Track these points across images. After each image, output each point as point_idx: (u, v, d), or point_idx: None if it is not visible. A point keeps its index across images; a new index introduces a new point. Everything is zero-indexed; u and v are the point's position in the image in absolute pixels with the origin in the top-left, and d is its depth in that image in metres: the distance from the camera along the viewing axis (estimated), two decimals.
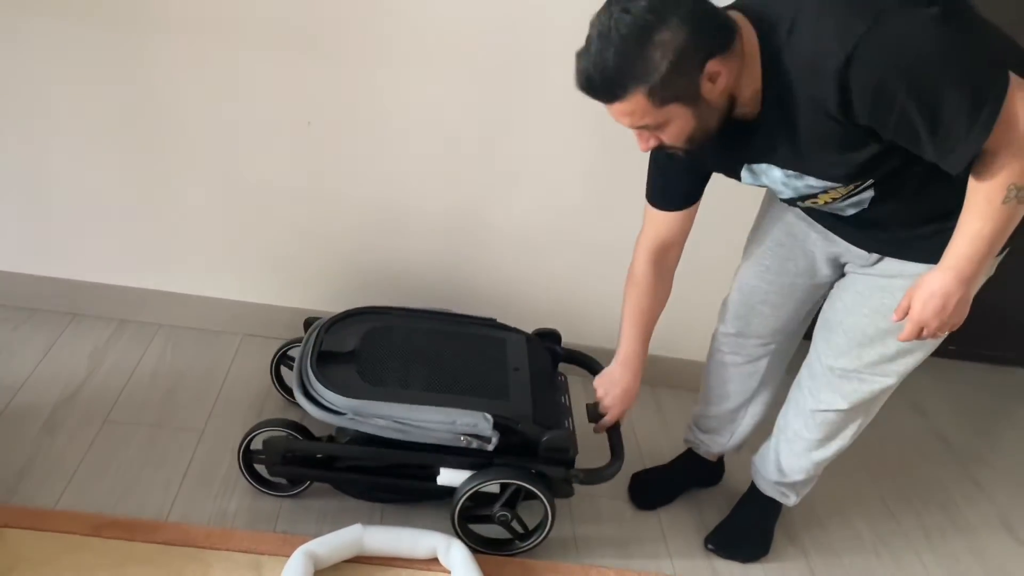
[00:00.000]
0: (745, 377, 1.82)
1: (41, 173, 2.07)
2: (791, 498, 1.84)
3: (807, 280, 1.64)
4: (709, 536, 1.89)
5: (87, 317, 2.22)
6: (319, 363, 1.74)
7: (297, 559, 1.58)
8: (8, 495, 1.66)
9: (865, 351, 1.55)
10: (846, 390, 1.60)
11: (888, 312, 1.44)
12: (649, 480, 2.02)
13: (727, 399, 1.87)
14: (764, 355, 1.78)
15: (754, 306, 1.72)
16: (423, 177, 2.11)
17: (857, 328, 1.54)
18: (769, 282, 1.68)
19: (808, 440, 1.70)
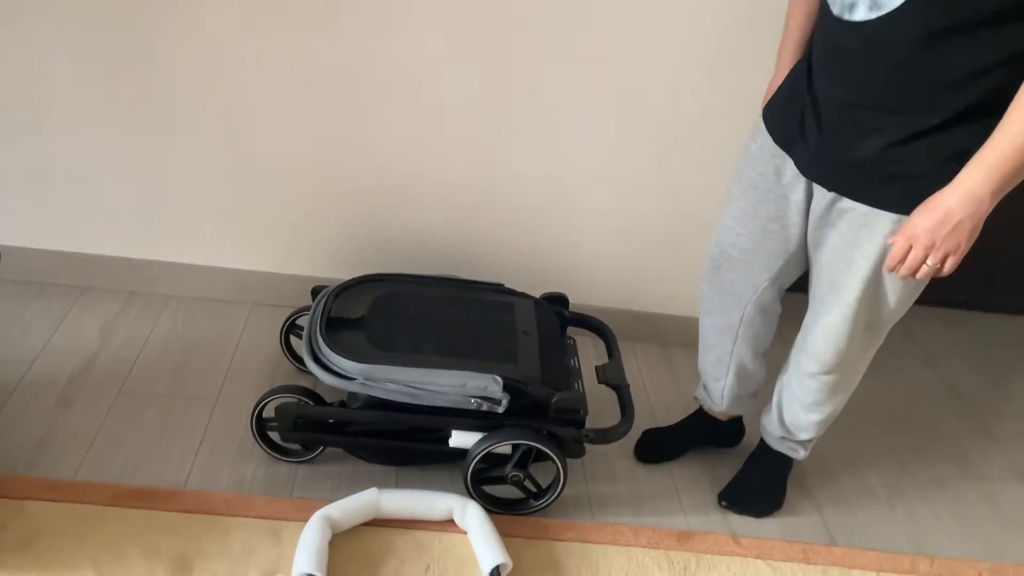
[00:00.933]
0: (721, 332, 1.80)
1: (42, 147, 2.06)
2: (799, 452, 1.85)
3: (778, 228, 1.58)
4: (722, 492, 1.90)
5: (97, 290, 2.22)
6: (328, 329, 1.74)
7: (314, 524, 1.60)
8: (27, 467, 1.68)
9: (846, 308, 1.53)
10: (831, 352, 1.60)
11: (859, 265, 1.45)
12: (656, 436, 2.04)
13: (709, 351, 1.87)
14: (736, 310, 1.73)
15: (725, 249, 1.68)
16: (428, 142, 2.09)
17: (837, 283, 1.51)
18: (742, 224, 1.63)
19: (803, 401, 1.72)
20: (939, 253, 1.30)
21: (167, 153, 2.09)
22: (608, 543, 1.73)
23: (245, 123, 2.05)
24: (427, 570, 1.61)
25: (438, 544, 1.67)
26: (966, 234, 1.27)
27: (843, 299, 1.51)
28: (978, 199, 1.25)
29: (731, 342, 1.80)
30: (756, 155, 1.59)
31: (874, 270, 1.45)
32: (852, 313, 1.52)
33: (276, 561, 1.57)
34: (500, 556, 1.60)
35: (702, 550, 1.75)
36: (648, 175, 2.16)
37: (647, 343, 2.40)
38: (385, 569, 1.60)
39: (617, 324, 2.20)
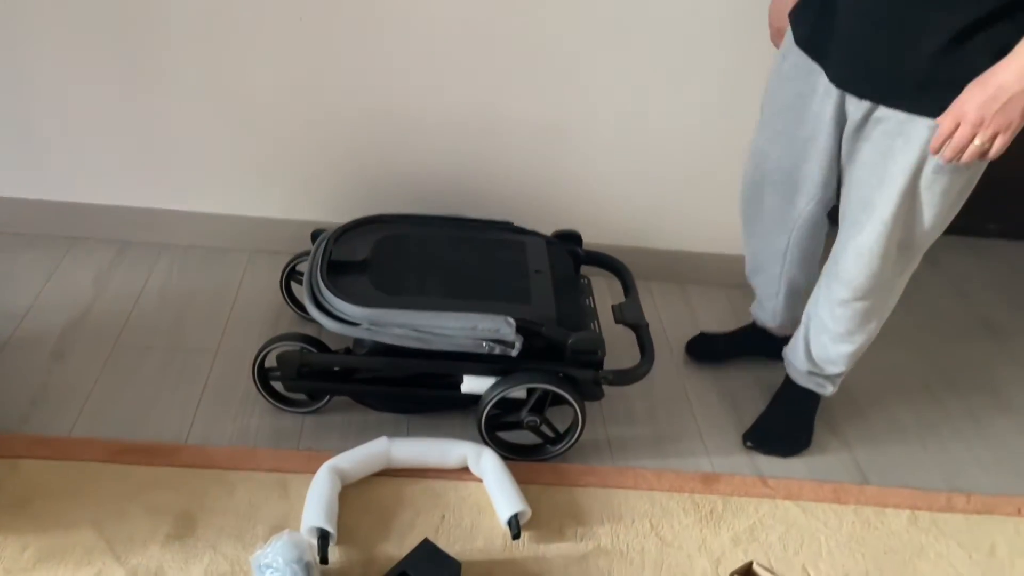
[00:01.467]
0: (767, 257, 1.77)
1: (23, 91, 1.95)
2: (827, 388, 1.77)
3: (817, 148, 1.52)
4: (747, 433, 1.82)
5: (88, 240, 2.13)
6: (330, 274, 1.65)
7: (323, 476, 1.52)
8: (21, 424, 1.61)
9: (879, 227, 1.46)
10: (864, 276, 1.52)
11: (894, 178, 1.38)
12: (710, 338, 2.05)
13: (757, 274, 1.85)
14: (782, 235, 1.69)
15: (765, 173, 1.64)
16: (428, 73, 1.97)
17: (869, 200, 1.45)
18: (780, 145, 1.58)
19: (833, 332, 1.64)
20: (988, 131, 1.22)
21: (156, 96, 1.97)
22: (630, 487, 1.66)
23: (235, 62, 1.93)
24: (442, 520, 1.54)
25: (453, 493, 1.60)
26: (1019, 111, 1.20)
27: (877, 216, 1.44)
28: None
29: (779, 265, 1.75)
30: (790, 74, 1.52)
31: (910, 183, 1.38)
32: (886, 231, 1.44)
33: (284, 515, 1.50)
34: (518, 504, 1.52)
35: (728, 492, 1.68)
36: (661, 105, 2.04)
37: (663, 281, 2.30)
38: (399, 520, 1.53)
39: (632, 262, 2.10)
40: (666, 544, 1.56)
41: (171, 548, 1.42)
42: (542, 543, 1.52)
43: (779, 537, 1.60)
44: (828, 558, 1.57)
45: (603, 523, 1.58)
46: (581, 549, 1.52)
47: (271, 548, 1.34)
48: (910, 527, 1.66)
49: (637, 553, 1.53)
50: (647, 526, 1.58)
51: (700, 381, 1.98)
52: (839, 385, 1.78)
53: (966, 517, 1.70)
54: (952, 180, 1.37)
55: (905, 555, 1.60)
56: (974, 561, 1.61)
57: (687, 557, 1.54)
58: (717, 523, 1.61)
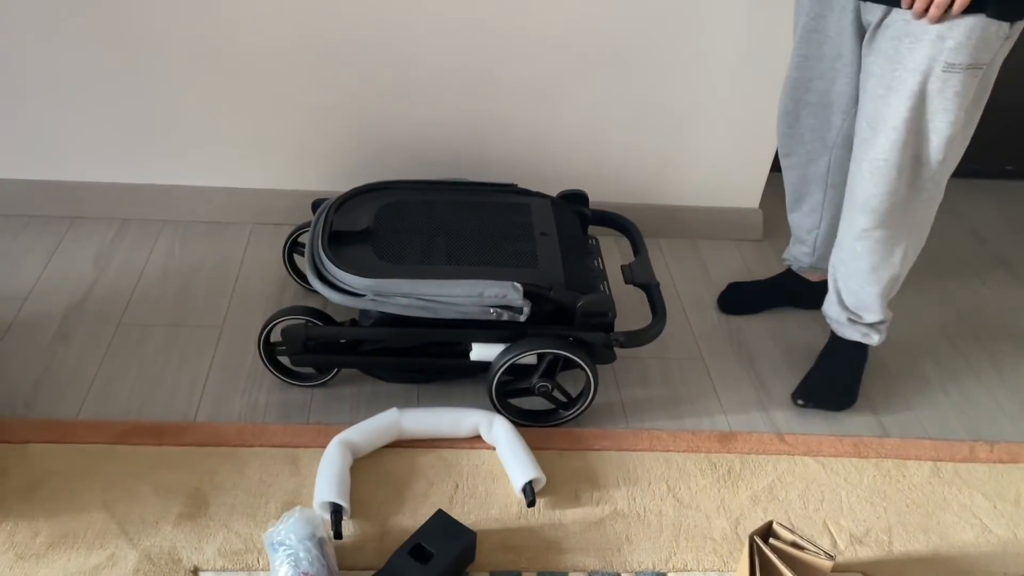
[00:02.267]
0: (810, 182, 1.78)
1: (14, 70, 1.90)
2: (872, 337, 1.73)
3: (843, 65, 1.56)
4: (796, 390, 1.77)
5: (87, 219, 2.10)
6: (331, 244, 1.61)
7: (333, 450, 1.50)
8: (27, 409, 1.59)
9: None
10: (881, 193, 1.51)
11: (903, 82, 1.39)
12: (741, 289, 2.04)
13: (800, 203, 1.84)
14: (823, 156, 1.72)
15: (800, 97, 1.67)
16: (424, 37, 1.91)
17: (878, 114, 1.46)
18: (810, 69, 1.62)
19: (857, 270, 1.63)
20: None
21: (150, 71, 1.93)
22: (645, 449, 1.63)
23: (228, 32, 1.88)
24: (456, 489, 1.52)
25: (466, 461, 1.57)
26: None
27: (888, 125, 1.44)
28: None
29: (821, 191, 1.78)
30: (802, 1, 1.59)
31: (920, 86, 1.39)
32: (900, 140, 1.44)
33: (296, 490, 1.49)
34: (532, 471, 1.50)
35: (746, 451, 1.65)
36: (665, 57, 1.98)
37: (673, 238, 2.26)
38: (412, 491, 1.51)
39: (641, 219, 2.06)
40: (684, 505, 1.53)
41: (183, 527, 1.40)
42: (558, 509, 1.50)
43: (799, 494, 1.57)
44: (849, 513, 1.54)
45: (619, 486, 1.55)
46: (598, 513, 1.50)
47: (283, 525, 1.32)
48: (932, 479, 1.63)
49: (655, 516, 1.51)
50: (664, 488, 1.56)
51: (714, 339, 1.94)
52: (885, 333, 1.74)
53: (990, 467, 1.67)
54: (964, 82, 1.37)
55: (928, 507, 1.57)
56: (999, 511, 1.58)
57: (705, 518, 1.51)
58: (735, 482, 1.58)
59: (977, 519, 1.56)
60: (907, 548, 1.49)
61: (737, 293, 2.04)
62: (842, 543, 1.49)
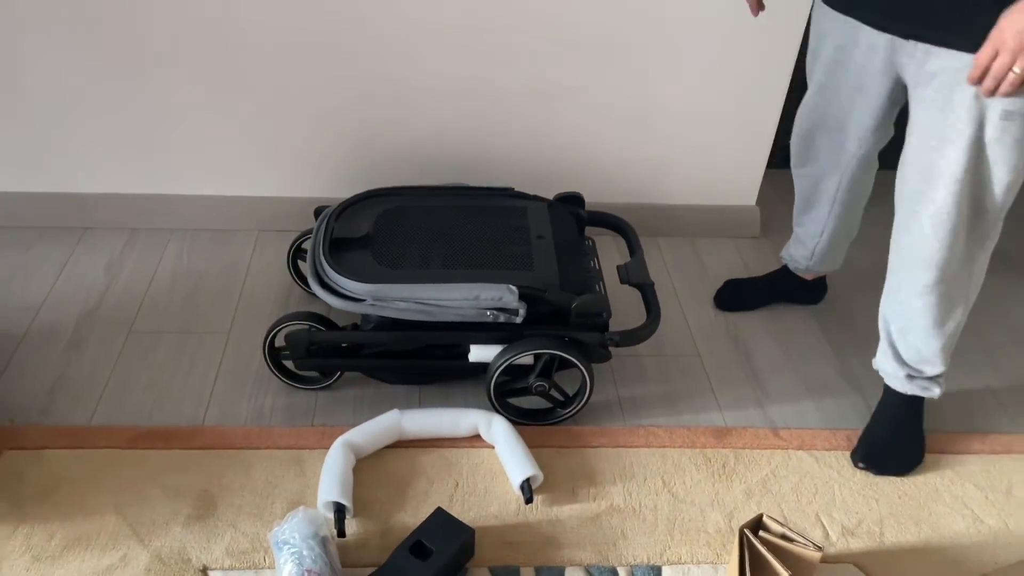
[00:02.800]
0: (818, 196, 1.78)
1: (21, 87, 1.96)
2: (934, 389, 1.63)
3: (865, 97, 1.54)
4: (855, 451, 1.67)
5: (98, 229, 2.16)
6: (332, 251, 1.66)
7: (336, 451, 1.55)
8: (42, 416, 1.65)
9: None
10: (942, 249, 1.43)
11: (958, 136, 1.31)
12: (737, 286, 2.06)
13: (806, 211, 1.84)
14: (834, 175, 1.72)
15: (815, 121, 1.67)
16: (422, 42, 1.95)
17: (932, 166, 1.37)
18: (827, 99, 1.61)
19: (919, 326, 1.54)
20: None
21: (155, 84, 1.98)
22: (642, 446, 1.67)
23: (230, 43, 1.93)
24: (456, 488, 1.57)
25: (466, 460, 1.62)
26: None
27: (946, 177, 1.36)
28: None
29: (828, 205, 1.78)
30: (825, 31, 1.55)
31: (975, 135, 1.31)
32: (959, 191, 1.36)
33: (301, 491, 1.54)
34: (529, 468, 1.54)
35: (741, 445, 1.68)
36: (662, 60, 2.01)
37: (672, 236, 2.29)
38: (414, 490, 1.55)
39: (639, 219, 2.10)
40: (678, 500, 1.57)
41: (192, 528, 1.45)
42: (555, 505, 1.54)
43: (792, 487, 1.60)
44: (842, 505, 1.57)
45: (615, 482, 1.59)
46: (594, 509, 1.54)
47: (288, 525, 1.37)
48: (925, 470, 1.65)
49: (650, 510, 1.54)
50: (659, 483, 1.60)
51: (711, 336, 1.98)
52: (944, 385, 1.64)
53: (982, 458, 1.69)
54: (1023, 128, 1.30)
55: (920, 499, 1.60)
56: (990, 501, 1.60)
57: (700, 512, 1.55)
58: (729, 477, 1.62)
59: (969, 509, 1.59)
60: (898, 539, 1.52)
61: (733, 290, 2.06)
62: (834, 535, 1.52)
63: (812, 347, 1.94)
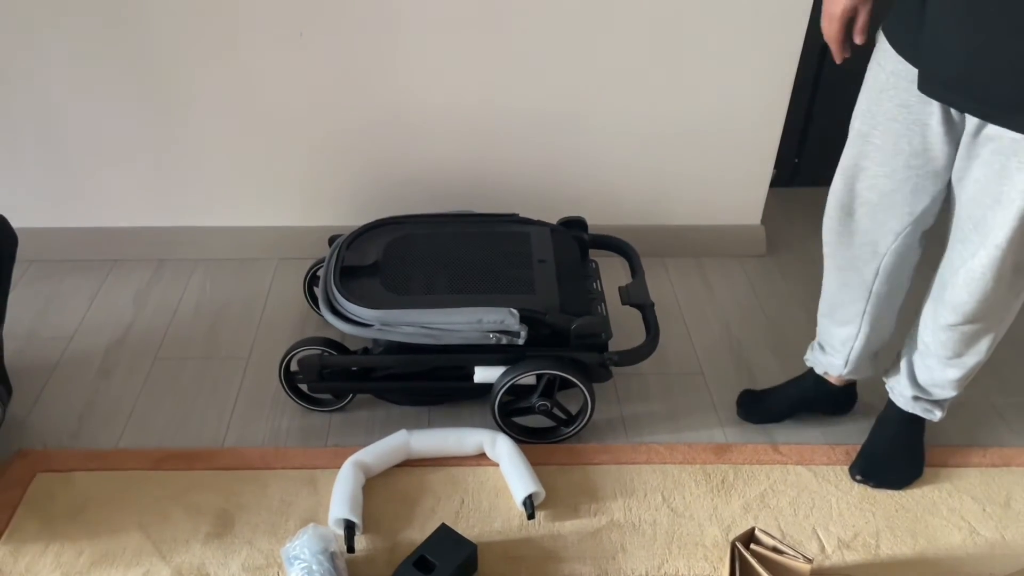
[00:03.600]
0: (851, 290, 1.59)
1: (53, 128, 2.08)
2: (935, 414, 1.63)
3: (923, 162, 1.37)
4: (853, 465, 1.70)
5: (127, 261, 2.27)
6: (342, 279, 1.74)
7: (347, 470, 1.62)
8: (72, 440, 1.75)
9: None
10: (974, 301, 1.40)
11: (1010, 203, 1.26)
12: (760, 396, 1.86)
13: (836, 311, 1.66)
14: (871, 263, 1.53)
15: (859, 192, 1.46)
16: (428, 73, 2.04)
17: (984, 220, 1.32)
18: (880, 163, 1.41)
19: (939, 356, 1.52)
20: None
21: (178, 122, 2.09)
22: (643, 463, 1.72)
23: (244, 82, 2.03)
24: (462, 504, 1.63)
25: (472, 478, 1.68)
26: None
27: (991, 241, 1.32)
28: None
29: (864, 300, 1.59)
30: (890, 83, 1.35)
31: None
32: (1001, 255, 1.32)
33: (314, 509, 1.61)
34: (532, 485, 1.60)
35: (740, 461, 1.72)
36: (662, 81, 2.07)
37: (678, 256, 2.34)
38: (421, 507, 1.62)
39: (646, 240, 2.16)
40: (677, 515, 1.61)
41: (211, 545, 1.53)
42: (557, 521, 1.60)
43: (789, 502, 1.64)
44: (839, 519, 1.61)
45: (616, 498, 1.64)
46: (595, 524, 1.59)
47: (299, 541, 1.44)
48: (923, 484, 1.68)
49: (649, 525, 1.59)
50: (659, 498, 1.64)
51: (715, 354, 2.02)
52: (947, 409, 1.65)
53: (981, 471, 1.71)
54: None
55: (917, 512, 1.63)
56: (988, 513, 1.63)
57: (698, 526, 1.59)
58: (728, 492, 1.66)
59: (965, 522, 1.61)
60: (894, 551, 1.55)
61: (753, 402, 1.86)
62: (830, 548, 1.56)
63: None
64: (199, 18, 1.93)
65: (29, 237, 2.06)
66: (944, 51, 1.22)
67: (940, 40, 1.22)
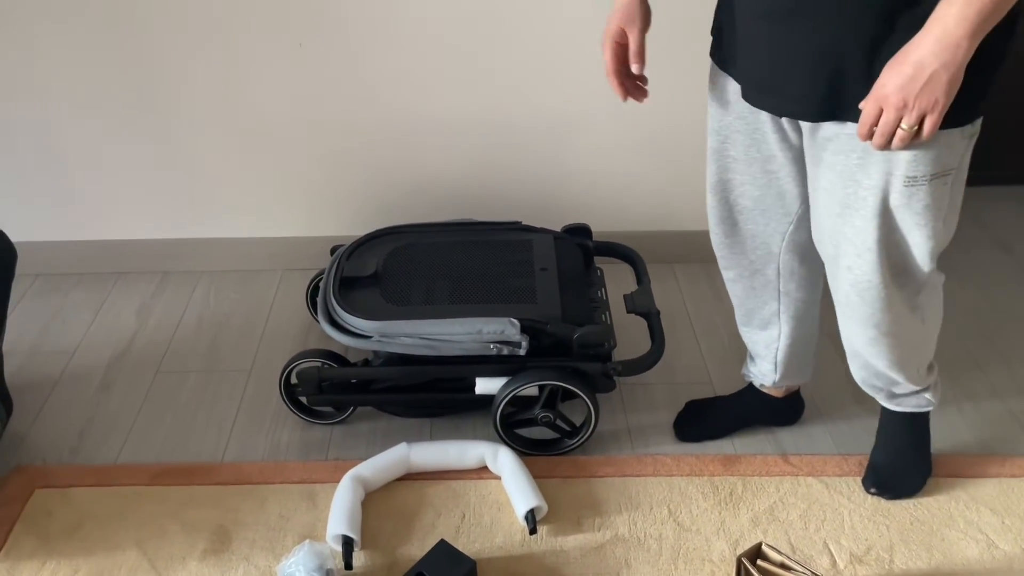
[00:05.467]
0: (758, 294, 1.59)
1: (55, 145, 2.08)
2: (925, 398, 1.56)
3: (777, 168, 1.40)
4: (865, 477, 1.64)
5: (131, 274, 2.26)
6: (341, 290, 1.72)
7: (345, 485, 1.59)
8: (71, 456, 1.74)
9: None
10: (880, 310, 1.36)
11: (862, 203, 1.25)
12: (700, 409, 1.81)
13: (751, 318, 1.65)
14: (770, 264, 1.53)
15: (733, 200, 1.48)
16: (428, 84, 2.02)
17: (841, 234, 1.31)
18: (741, 172, 1.44)
19: (880, 365, 1.46)
20: (914, 113, 1.10)
21: (182, 137, 2.10)
22: (649, 475, 1.68)
23: (244, 94, 2.03)
24: (463, 519, 1.59)
25: (473, 492, 1.65)
26: (943, 87, 1.08)
27: (861, 246, 1.29)
28: (953, 44, 1.05)
29: (775, 300, 1.58)
30: (724, 96, 1.40)
31: (882, 203, 1.24)
32: (877, 260, 1.29)
33: (312, 524, 1.58)
34: (533, 499, 1.56)
35: (749, 473, 1.68)
36: (668, 84, 2.03)
37: (687, 262, 2.29)
38: (421, 522, 1.59)
39: (653, 246, 2.12)
40: (684, 529, 1.57)
41: (208, 562, 1.51)
42: (560, 535, 1.56)
43: (800, 515, 1.59)
44: (851, 532, 1.56)
45: (621, 512, 1.60)
46: (598, 539, 1.55)
47: (294, 559, 1.41)
48: (939, 495, 1.63)
49: (654, 540, 1.55)
50: (665, 512, 1.60)
51: (724, 363, 1.98)
52: (939, 389, 1.57)
53: (1000, 481, 1.65)
54: (933, 193, 1.22)
55: (933, 524, 1.57)
56: (1007, 526, 1.57)
57: (705, 541, 1.55)
58: (736, 505, 1.62)
59: (983, 535, 1.55)
60: (908, 566, 1.50)
61: (694, 415, 1.81)
62: (842, 563, 1.51)
63: (824, 370, 1.92)
64: (200, 31, 1.93)
65: (34, 251, 2.07)
66: (750, 60, 1.28)
67: (747, 52, 1.29)
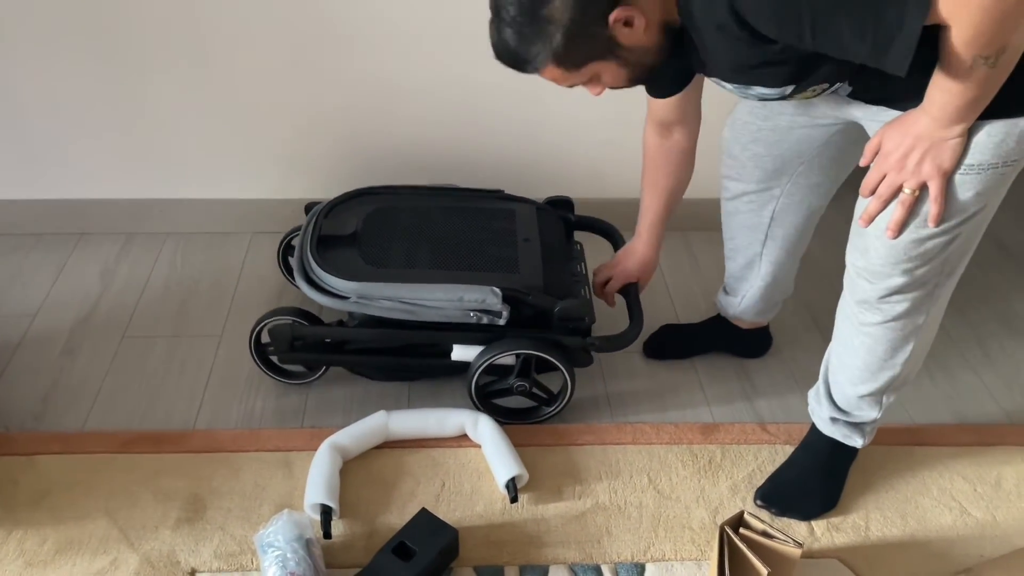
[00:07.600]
0: (749, 229, 1.65)
1: (12, 94, 1.99)
2: (856, 439, 1.53)
3: (805, 119, 1.44)
4: (759, 488, 1.58)
5: (95, 235, 2.18)
6: (319, 248, 1.67)
7: (323, 453, 1.56)
8: (36, 422, 1.68)
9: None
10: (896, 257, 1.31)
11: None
12: (671, 333, 1.92)
13: (736, 254, 1.72)
14: (767, 202, 1.59)
15: (746, 145, 1.55)
16: (412, 43, 1.96)
17: None
18: (763, 117, 1.49)
19: (852, 367, 1.44)
20: (914, 180, 1.17)
21: (145, 89, 2.01)
22: (628, 443, 1.67)
23: (218, 48, 1.95)
24: (443, 487, 1.58)
25: (452, 460, 1.63)
26: (949, 154, 1.15)
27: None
28: (943, 124, 1.12)
29: (760, 243, 1.65)
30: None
31: None
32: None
33: (289, 493, 1.55)
34: (515, 468, 1.55)
35: (728, 441, 1.68)
36: None
37: (665, 231, 2.27)
38: (400, 490, 1.57)
39: (632, 214, 2.08)
40: (664, 497, 1.57)
41: (181, 532, 1.48)
42: (540, 504, 1.55)
43: None
44: None
45: (601, 480, 1.60)
46: (579, 507, 1.55)
47: (273, 528, 1.39)
48: (914, 463, 1.65)
49: (635, 508, 1.55)
50: (645, 480, 1.60)
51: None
52: (872, 435, 1.54)
53: (972, 449, 1.68)
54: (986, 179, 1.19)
55: (907, 492, 1.59)
56: (979, 493, 1.60)
57: (685, 509, 1.55)
58: (716, 473, 1.62)
59: (956, 502, 1.58)
60: (884, 533, 1.52)
61: (665, 337, 1.91)
62: (819, 530, 1.52)
63: (802, 340, 1.93)
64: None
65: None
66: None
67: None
